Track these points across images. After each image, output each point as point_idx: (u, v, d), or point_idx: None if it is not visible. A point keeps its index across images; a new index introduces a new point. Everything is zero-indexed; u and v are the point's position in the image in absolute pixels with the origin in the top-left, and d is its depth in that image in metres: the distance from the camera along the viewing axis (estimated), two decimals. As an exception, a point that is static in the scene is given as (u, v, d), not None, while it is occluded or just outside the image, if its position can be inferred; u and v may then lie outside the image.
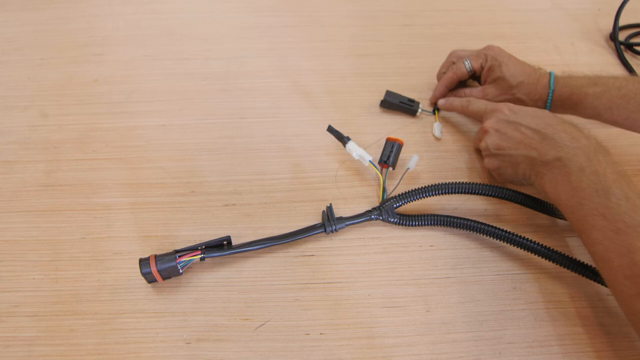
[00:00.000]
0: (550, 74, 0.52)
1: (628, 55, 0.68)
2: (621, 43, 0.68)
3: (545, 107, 0.52)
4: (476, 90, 0.56)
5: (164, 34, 0.69)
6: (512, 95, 0.53)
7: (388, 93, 0.58)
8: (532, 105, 0.52)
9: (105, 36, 0.68)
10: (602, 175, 0.37)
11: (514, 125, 0.45)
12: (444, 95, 0.58)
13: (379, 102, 0.58)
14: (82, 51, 0.66)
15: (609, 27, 0.71)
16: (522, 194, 0.46)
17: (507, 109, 0.47)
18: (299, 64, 0.65)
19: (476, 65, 0.55)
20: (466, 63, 0.56)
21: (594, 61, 0.67)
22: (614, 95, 0.48)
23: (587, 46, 0.69)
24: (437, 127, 0.57)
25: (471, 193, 0.47)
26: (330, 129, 0.51)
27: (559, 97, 0.51)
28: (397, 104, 0.57)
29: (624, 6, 0.69)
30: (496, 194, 0.46)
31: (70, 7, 0.72)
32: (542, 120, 0.44)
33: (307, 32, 0.70)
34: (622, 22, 0.69)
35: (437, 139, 0.56)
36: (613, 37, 0.69)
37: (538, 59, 0.65)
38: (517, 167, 0.45)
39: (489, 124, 0.47)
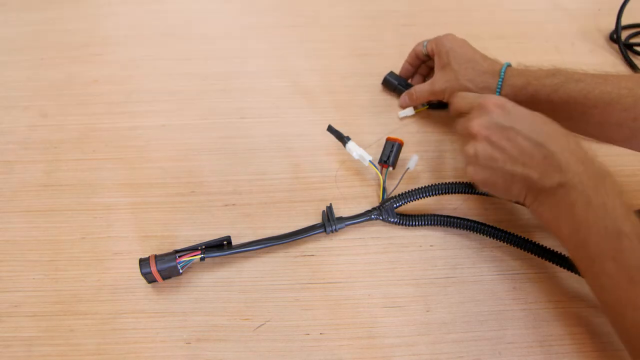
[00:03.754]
0: (504, 63, 0.50)
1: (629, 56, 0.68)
2: (622, 43, 0.68)
3: None
4: (425, 83, 0.55)
5: (164, 34, 0.69)
6: (457, 81, 0.50)
7: (391, 74, 0.59)
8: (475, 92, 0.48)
9: (105, 36, 0.68)
10: (612, 209, 0.33)
11: (509, 132, 0.38)
12: (409, 72, 0.60)
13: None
14: (82, 51, 0.66)
15: (609, 27, 0.71)
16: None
17: (499, 108, 0.40)
18: (299, 64, 0.65)
19: (429, 47, 0.55)
20: (425, 43, 0.56)
21: (594, 61, 0.67)
22: (572, 87, 0.44)
23: (587, 46, 0.69)
24: (407, 111, 0.58)
25: (471, 193, 0.47)
26: (330, 129, 0.51)
27: (511, 88, 0.47)
28: (396, 85, 0.59)
29: (624, 6, 0.69)
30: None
31: (70, 7, 0.72)
32: (543, 128, 0.38)
33: (307, 32, 0.70)
34: (622, 22, 0.69)
35: (400, 118, 0.58)
36: (616, 38, 0.69)
37: (538, 59, 0.65)
38: (511, 186, 0.39)
39: (477, 126, 0.40)
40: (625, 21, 0.70)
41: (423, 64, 0.59)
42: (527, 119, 0.39)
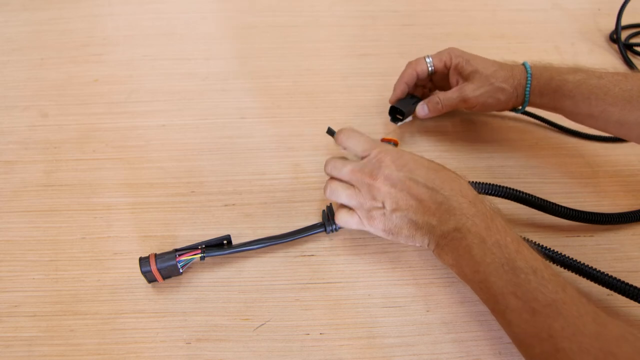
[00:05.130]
0: (523, 62, 0.50)
1: (629, 56, 0.68)
2: (622, 43, 0.68)
3: (524, 94, 0.49)
4: (452, 91, 0.52)
5: (164, 34, 0.69)
6: (492, 85, 0.50)
7: (400, 103, 0.54)
8: (511, 93, 0.50)
9: (105, 36, 0.68)
10: (504, 246, 0.35)
11: (409, 182, 0.40)
12: (404, 92, 0.54)
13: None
14: (82, 51, 0.66)
15: (609, 27, 0.71)
16: (522, 192, 0.46)
17: (395, 161, 0.41)
18: (299, 64, 0.65)
19: (439, 63, 0.52)
20: (427, 59, 0.53)
21: (594, 61, 0.67)
22: (593, 84, 0.45)
23: (587, 46, 0.69)
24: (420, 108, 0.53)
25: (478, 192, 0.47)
26: (330, 131, 0.51)
27: (538, 82, 0.48)
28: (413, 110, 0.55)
29: (625, 7, 0.69)
30: (496, 192, 0.46)
31: (70, 7, 0.72)
32: (437, 175, 0.40)
33: (307, 32, 0.70)
34: (622, 22, 0.69)
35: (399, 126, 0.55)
36: (616, 38, 0.69)
37: (538, 59, 0.64)
38: (415, 233, 0.40)
39: (380, 180, 0.40)
40: (625, 21, 0.70)
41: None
42: (422, 168, 0.41)
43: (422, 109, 0.53)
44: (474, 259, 0.36)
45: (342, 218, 0.43)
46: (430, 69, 0.53)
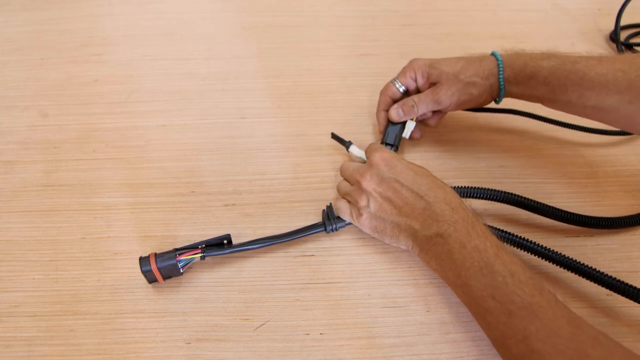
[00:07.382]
0: (492, 52, 0.49)
1: (628, 56, 0.68)
2: (621, 43, 0.68)
3: (498, 83, 0.47)
4: (425, 93, 0.50)
5: (164, 34, 0.69)
6: (461, 82, 0.48)
7: (390, 136, 0.53)
8: (483, 85, 0.48)
9: (105, 36, 0.68)
10: (483, 250, 0.36)
11: (395, 184, 0.41)
12: (386, 119, 0.53)
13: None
14: (82, 51, 0.66)
15: (609, 27, 0.71)
16: (523, 197, 0.46)
17: (384, 162, 0.43)
18: (299, 64, 0.65)
19: (405, 80, 0.51)
20: (395, 82, 0.52)
21: (594, 61, 0.67)
22: (568, 69, 0.43)
23: (587, 46, 0.69)
24: (410, 126, 0.52)
25: (471, 197, 0.46)
26: (334, 136, 0.52)
27: (511, 69, 0.47)
28: (400, 130, 0.53)
29: (624, 7, 0.69)
30: (497, 197, 0.46)
31: (70, 7, 0.72)
32: (423, 181, 0.41)
33: (307, 32, 0.70)
34: (622, 22, 0.69)
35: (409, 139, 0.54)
36: (615, 38, 0.69)
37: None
38: (399, 235, 0.41)
39: (368, 179, 0.43)
40: (625, 21, 0.70)
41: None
42: (410, 172, 0.42)
43: (396, 112, 0.51)
44: (455, 263, 0.37)
45: (340, 206, 0.45)
46: (401, 89, 0.52)
